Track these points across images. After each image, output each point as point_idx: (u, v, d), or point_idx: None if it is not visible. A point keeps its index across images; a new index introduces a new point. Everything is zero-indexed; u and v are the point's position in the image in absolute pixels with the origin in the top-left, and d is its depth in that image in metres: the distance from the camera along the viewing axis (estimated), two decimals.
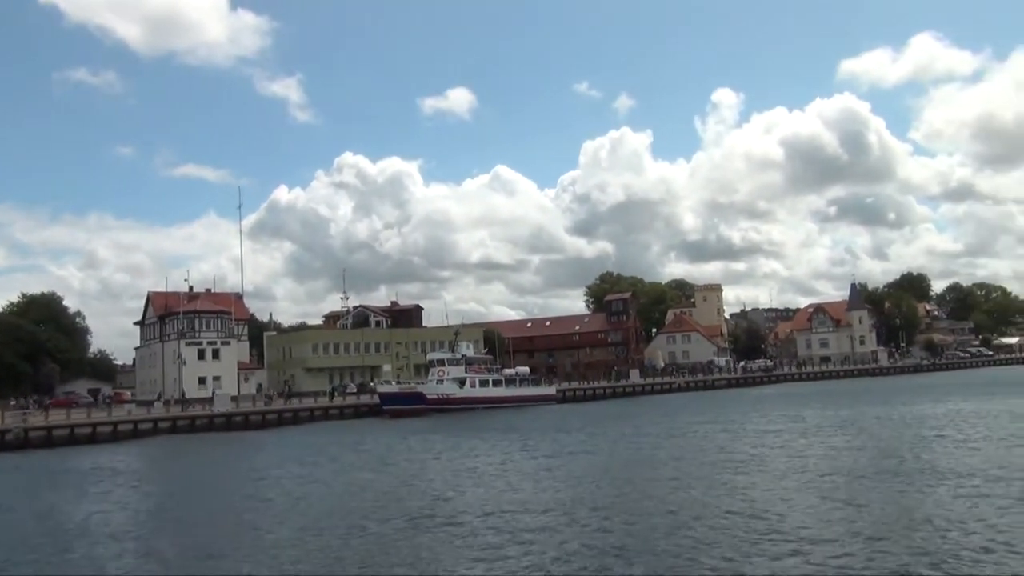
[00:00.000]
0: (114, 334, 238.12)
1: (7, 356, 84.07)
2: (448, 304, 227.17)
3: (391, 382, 76.59)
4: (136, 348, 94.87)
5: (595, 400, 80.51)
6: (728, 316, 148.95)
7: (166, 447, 48.84)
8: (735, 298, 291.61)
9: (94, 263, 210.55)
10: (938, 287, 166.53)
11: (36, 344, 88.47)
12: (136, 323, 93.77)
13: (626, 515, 19.93)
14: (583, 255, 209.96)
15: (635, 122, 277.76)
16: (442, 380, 68.69)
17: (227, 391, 70.73)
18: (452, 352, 73.26)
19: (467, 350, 74.84)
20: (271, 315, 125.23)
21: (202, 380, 77.70)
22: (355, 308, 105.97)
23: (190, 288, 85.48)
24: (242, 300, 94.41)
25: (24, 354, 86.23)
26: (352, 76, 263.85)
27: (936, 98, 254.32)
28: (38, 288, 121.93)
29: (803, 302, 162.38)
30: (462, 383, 68.90)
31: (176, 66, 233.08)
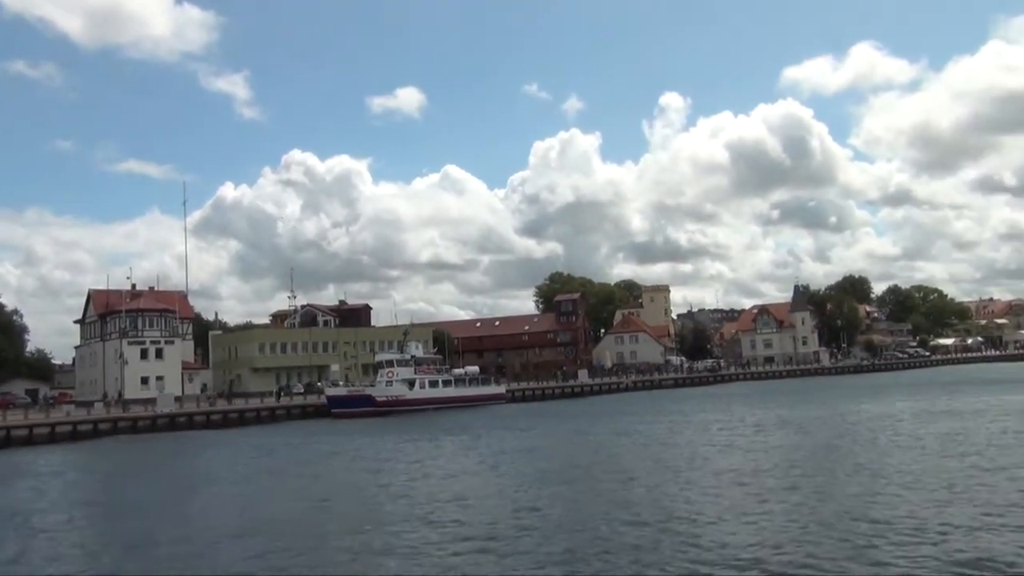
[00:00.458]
0: (53, 333, 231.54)
1: None
2: (397, 304, 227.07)
3: (339, 382, 75.90)
4: (76, 347, 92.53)
5: (544, 400, 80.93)
6: (675, 317, 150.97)
7: (103, 449, 47.57)
8: (682, 299, 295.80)
9: (32, 260, 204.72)
10: (878, 289, 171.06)
11: None
12: (76, 321, 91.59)
13: (566, 516, 20.13)
14: (532, 255, 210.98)
15: (584, 124, 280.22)
16: (391, 381, 68.20)
17: (171, 391, 69.33)
18: (401, 352, 72.86)
19: (416, 350, 74.48)
20: (217, 314, 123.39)
21: (145, 380, 76.05)
22: (303, 307, 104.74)
23: (133, 286, 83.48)
24: (187, 299, 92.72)
25: None
26: (300, 73, 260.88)
27: (875, 106, 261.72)
28: None
29: (748, 303, 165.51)
30: (411, 384, 68.51)
31: (119, 60, 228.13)
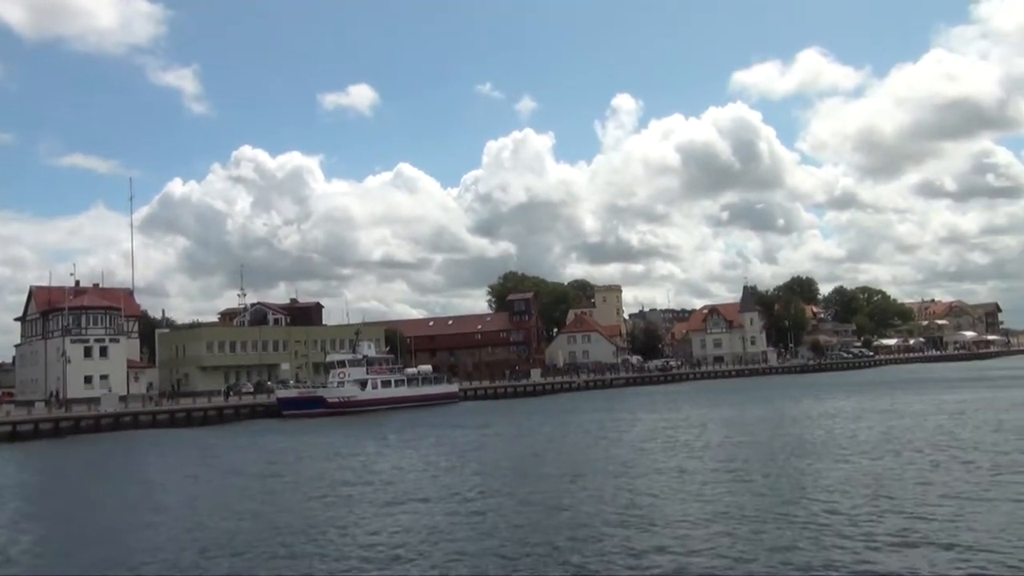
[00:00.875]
0: None
1: None
2: (349, 302, 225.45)
3: (289, 382, 75.30)
4: (16, 345, 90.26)
5: (497, 399, 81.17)
6: (627, 317, 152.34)
7: (41, 451, 46.62)
8: (633, 299, 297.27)
9: None
10: (824, 290, 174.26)
11: None
12: (17, 319, 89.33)
13: (514, 514, 20.44)
14: (485, 255, 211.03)
15: (537, 124, 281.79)
16: (343, 382, 67.68)
17: (116, 391, 68.04)
18: (353, 352, 72.38)
19: (368, 350, 73.97)
20: (164, 312, 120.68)
21: (88, 379, 74.60)
22: (253, 305, 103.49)
23: (76, 283, 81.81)
24: (132, 296, 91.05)
25: None
26: (250, 68, 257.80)
27: (821, 111, 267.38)
28: None
29: (698, 303, 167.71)
30: (363, 385, 68.03)
31: (64, 52, 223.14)
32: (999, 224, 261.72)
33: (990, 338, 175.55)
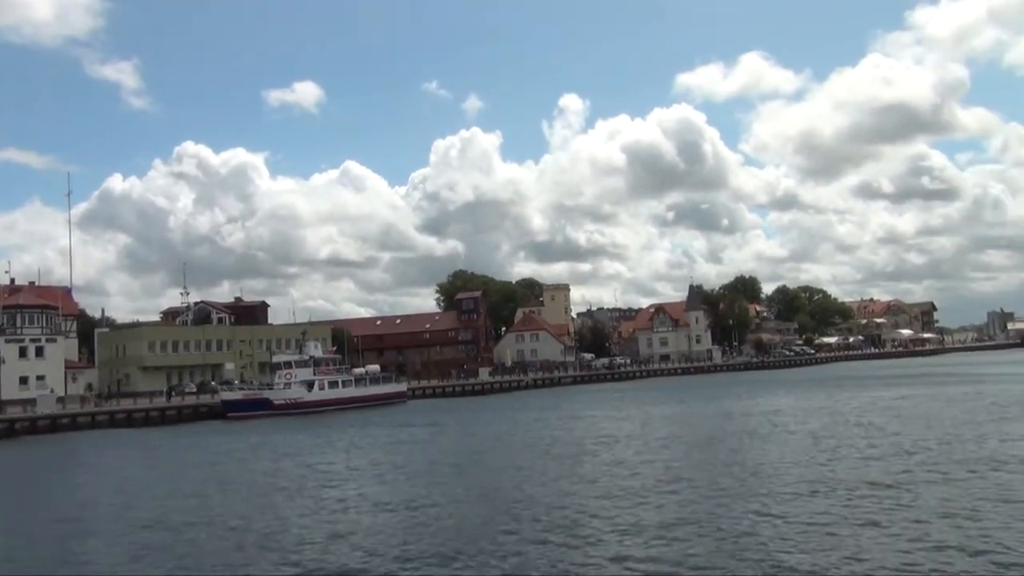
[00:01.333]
0: None
1: None
2: (295, 301, 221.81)
3: (234, 381, 74.21)
4: None
5: (446, 397, 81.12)
6: (575, 315, 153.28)
7: None
8: (581, 298, 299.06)
9: None
10: (767, 289, 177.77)
11: None
12: None
13: (454, 513, 20.69)
14: (433, 253, 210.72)
15: (484, 123, 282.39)
16: (289, 383, 66.84)
17: (54, 392, 66.28)
18: (300, 352, 71.57)
19: (315, 350, 73.13)
20: (103, 311, 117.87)
21: (24, 380, 72.45)
22: (196, 304, 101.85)
23: (11, 281, 79.77)
24: (70, 294, 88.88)
25: None
26: (193, 63, 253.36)
27: (763, 113, 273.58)
28: None
29: (645, 302, 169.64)
30: (310, 386, 67.26)
31: None
32: (934, 225, 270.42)
33: (926, 336, 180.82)
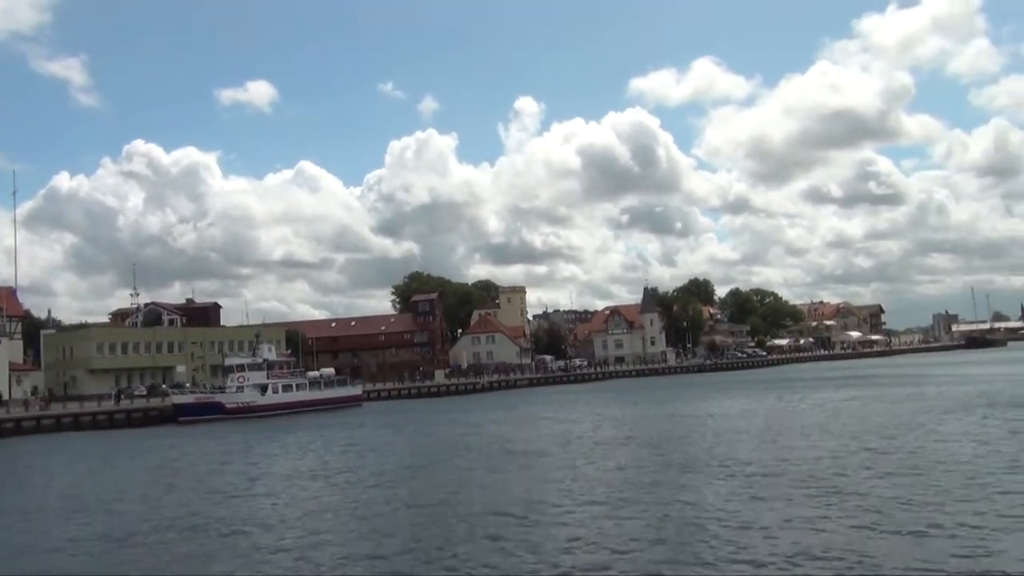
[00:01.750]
0: None
1: None
2: (248, 303, 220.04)
3: (185, 384, 73.21)
4: None
5: (401, 400, 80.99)
6: (531, 317, 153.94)
7: None
8: (537, 300, 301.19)
9: None
10: (720, 292, 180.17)
11: None
12: None
13: (402, 516, 20.85)
14: (389, 255, 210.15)
15: (440, 124, 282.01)
16: (242, 387, 66.04)
17: None
18: (253, 355, 70.83)
19: (269, 353, 72.40)
20: (49, 312, 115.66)
21: None
22: (146, 305, 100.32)
23: None
24: (15, 295, 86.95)
25: None
26: (143, 60, 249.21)
27: (715, 118, 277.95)
28: None
29: (600, 304, 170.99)
30: (264, 389, 66.54)
31: None
32: (881, 229, 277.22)
33: (874, 338, 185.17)
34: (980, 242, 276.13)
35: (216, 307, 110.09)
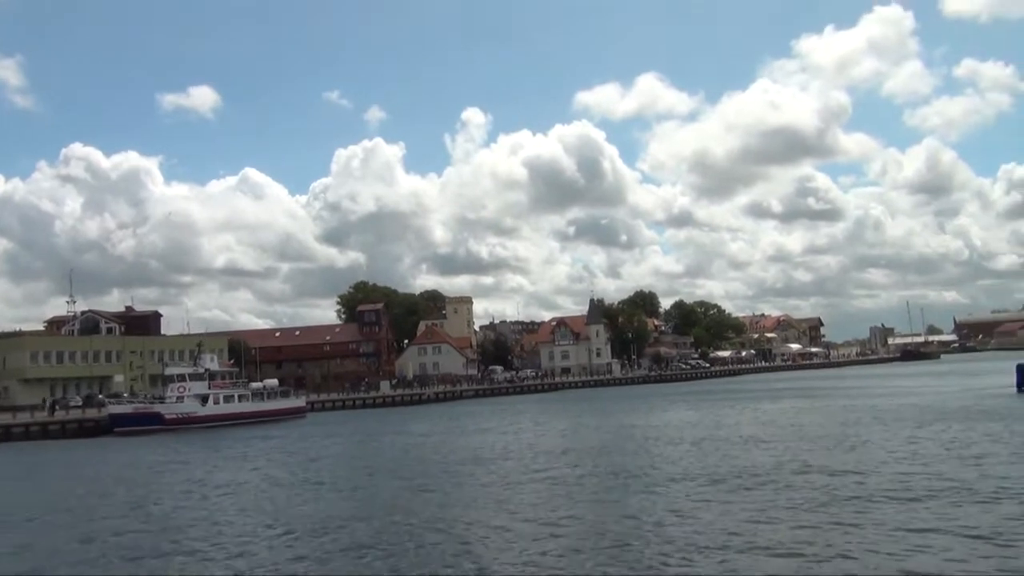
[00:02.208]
0: None
1: None
2: (190, 311, 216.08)
3: (123, 395, 71.66)
4: None
5: (346, 411, 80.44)
6: (478, 328, 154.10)
7: None
8: (484, 311, 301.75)
9: None
10: (665, 304, 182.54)
11: None
12: None
13: (334, 529, 20.68)
14: (335, 264, 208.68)
15: (387, 134, 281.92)
16: (182, 397, 64.85)
17: None
18: (194, 365, 69.59)
19: (211, 363, 71.13)
20: None
21: None
22: (83, 313, 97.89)
23: None
24: None
25: None
26: (82, 62, 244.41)
27: (659, 133, 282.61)
28: None
29: (547, 316, 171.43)
30: (204, 400, 65.38)
31: None
32: (820, 244, 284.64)
33: (813, 350, 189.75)
34: (914, 258, 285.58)
35: (156, 315, 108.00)
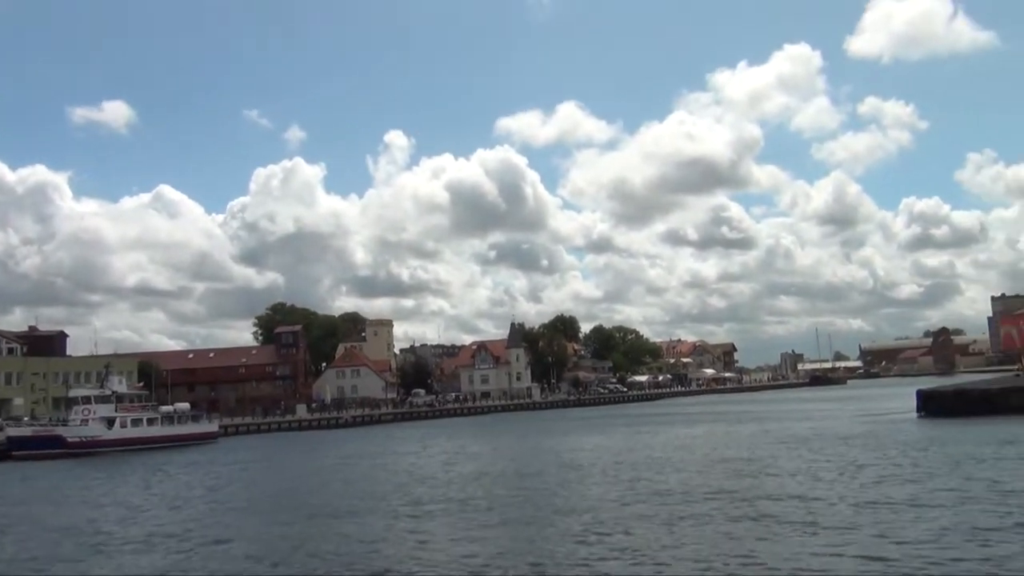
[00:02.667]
0: None
1: None
2: (98, 331, 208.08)
3: (24, 418, 68.83)
4: None
5: (260, 434, 78.91)
6: (398, 351, 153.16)
7: None
8: (404, 334, 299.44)
9: None
10: (584, 329, 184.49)
11: None
12: None
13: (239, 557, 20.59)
14: (252, 285, 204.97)
15: (308, 154, 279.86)
16: (87, 420, 62.53)
17: None
18: (101, 387, 67.25)
19: (118, 385, 68.92)
20: None
21: None
22: None
23: None
24: None
25: None
26: None
27: (579, 160, 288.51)
28: None
29: (468, 339, 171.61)
30: (110, 423, 63.12)
31: None
32: (733, 272, 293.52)
33: (727, 375, 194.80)
34: (822, 286, 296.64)
35: (62, 336, 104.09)
